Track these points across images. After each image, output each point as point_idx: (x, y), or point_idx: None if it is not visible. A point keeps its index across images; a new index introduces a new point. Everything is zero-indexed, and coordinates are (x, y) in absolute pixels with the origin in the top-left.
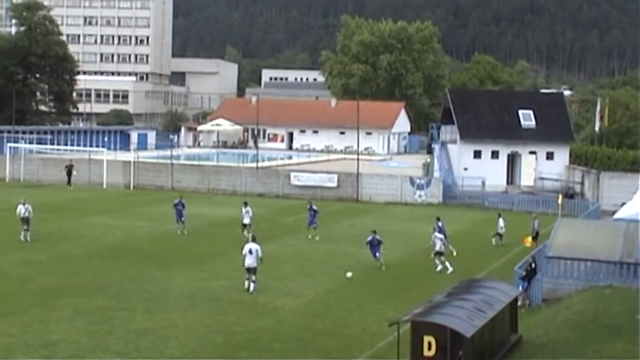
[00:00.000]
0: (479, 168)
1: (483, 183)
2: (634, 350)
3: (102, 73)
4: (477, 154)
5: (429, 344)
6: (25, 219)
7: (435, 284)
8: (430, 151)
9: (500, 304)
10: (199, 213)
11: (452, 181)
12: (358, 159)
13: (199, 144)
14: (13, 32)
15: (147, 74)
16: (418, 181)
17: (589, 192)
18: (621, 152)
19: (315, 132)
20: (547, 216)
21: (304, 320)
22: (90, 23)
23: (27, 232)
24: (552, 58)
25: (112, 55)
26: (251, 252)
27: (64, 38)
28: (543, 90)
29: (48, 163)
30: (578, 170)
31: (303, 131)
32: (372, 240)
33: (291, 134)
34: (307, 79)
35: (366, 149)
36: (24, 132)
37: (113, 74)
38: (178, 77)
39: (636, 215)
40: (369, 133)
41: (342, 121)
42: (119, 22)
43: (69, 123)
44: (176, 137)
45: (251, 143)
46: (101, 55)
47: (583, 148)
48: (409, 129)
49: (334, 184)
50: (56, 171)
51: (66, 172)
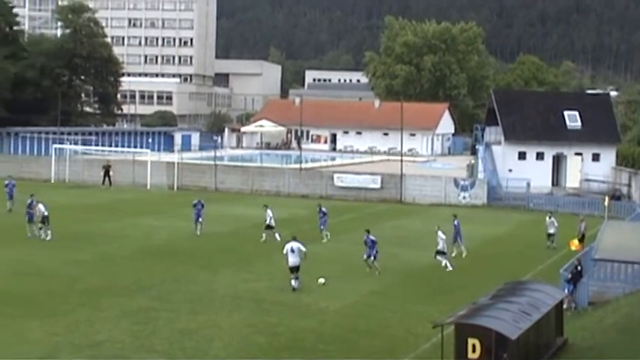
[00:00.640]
0: (523, 169)
1: (528, 184)
2: None
3: (146, 75)
4: (522, 156)
5: (474, 347)
6: (45, 218)
7: (479, 286)
8: (474, 153)
9: (545, 307)
10: (243, 214)
11: (496, 183)
12: (402, 160)
13: (237, 144)
14: (59, 34)
15: (190, 76)
16: (462, 183)
17: (636, 194)
18: None
19: (358, 133)
20: (593, 218)
21: (348, 321)
22: (134, 25)
23: (41, 230)
24: (598, 59)
25: (156, 57)
26: (293, 250)
27: (109, 40)
28: (589, 91)
29: (92, 165)
30: (624, 172)
31: (346, 132)
32: (366, 240)
33: (334, 135)
34: (351, 81)
35: (410, 150)
36: (69, 133)
37: (157, 76)
38: (222, 78)
39: None
40: (413, 135)
41: (386, 123)
42: (163, 24)
43: (113, 124)
44: (220, 138)
45: (294, 144)
46: (145, 57)
47: (630, 150)
48: (453, 130)
49: (378, 186)
50: (101, 172)
51: (103, 173)
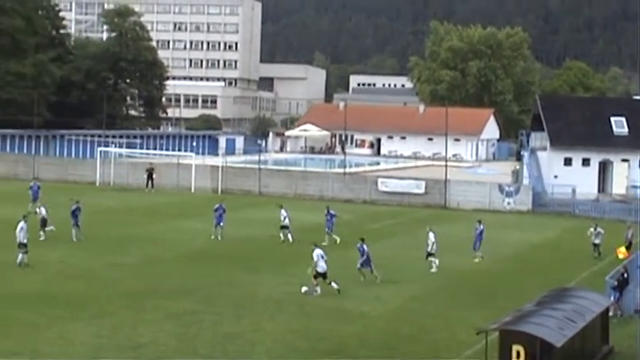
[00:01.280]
0: (569, 175)
1: (574, 191)
2: None
3: (191, 79)
4: (568, 162)
5: (518, 353)
6: (43, 220)
7: (524, 293)
8: (519, 158)
9: (591, 314)
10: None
11: (541, 189)
12: (446, 165)
13: (281, 148)
14: (105, 38)
15: (235, 79)
16: (507, 189)
17: None
18: None
19: (402, 138)
20: None
21: (391, 326)
22: (179, 29)
23: (45, 232)
24: None
25: (201, 61)
26: (323, 257)
27: (154, 44)
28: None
29: (137, 168)
30: None
31: (390, 137)
32: (359, 248)
33: (378, 140)
34: (395, 85)
35: (455, 156)
36: (114, 136)
37: (202, 79)
38: (266, 83)
39: None
40: (458, 140)
41: (430, 128)
42: (208, 28)
43: (158, 128)
44: (264, 142)
45: (338, 149)
46: (190, 61)
47: None
48: (498, 136)
49: (422, 191)
50: (144, 175)
51: (146, 176)
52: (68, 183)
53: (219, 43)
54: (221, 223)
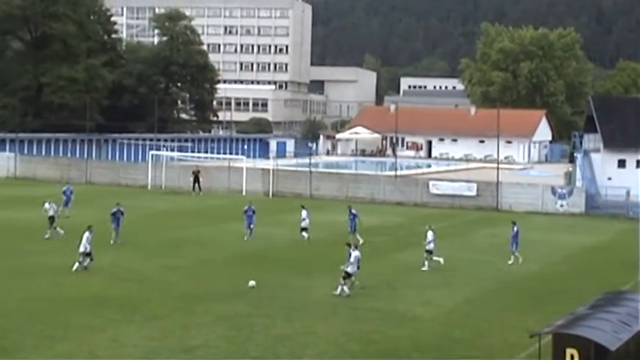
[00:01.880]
0: (623, 177)
1: (628, 193)
2: None
3: (241, 82)
4: (622, 164)
5: (572, 357)
6: (51, 218)
7: (577, 296)
8: (572, 160)
9: None
10: (337, 221)
11: (595, 191)
12: (498, 167)
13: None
14: (156, 42)
15: (286, 82)
16: (560, 191)
17: None
18: None
19: (454, 140)
20: None
21: (443, 329)
22: (230, 32)
23: (52, 230)
24: None
25: (252, 64)
26: (359, 260)
27: (205, 47)
28: None
29: (188, 171)
30: None
31: (442, 140)
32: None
33: (430, 142)
34: (446, 87)
35: (506, 158)
36: (165, 140)
37: (253, 83)
38: (317, 85)
39: None
40: (509, 142)
41: (482, 130)
42: (259, 31)
43: (209, 131)
44: (315, 145)
45: (389, 151)
46: (241, 64)
47: None
48: (550, 137)
49: (473, 193)
50: (190, 178)
51: (193, 179)
52: (120, 186)
53: (269, 46)
54: (251, 225)
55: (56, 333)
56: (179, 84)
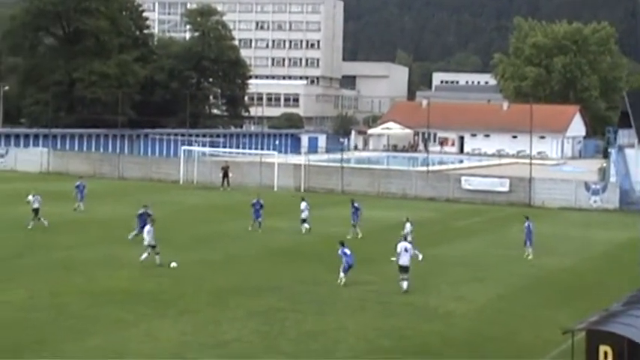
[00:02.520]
0: None
1: None
2: None
3: (273, 77)
4: None
5: (605, 354)
6: (36, 210)
7: (611, 292)
8: (606, 156)
9: None
10: (369, 216)
11: (629, 187)
12: (531, 163)
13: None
14: (187, 38)
15: (317, 78)
16: (593, 187)
17: None
18: None
19: (486, 136)
20: None
21: (475, 325)
22: (262, 28)
23: (35, 221)
24: None
25: (283, 59)
26: (407, 250)
27: (237, 43)
28: None
29: (220, 166)
30: None
31: (474, 135)
32: (340, 253)
33: (462, 138)
34: (479, 83)
35: (539, 153)
36: (197, 135)
37: (284, 78)
38: (349, 81)
39: None
40: (543, 137)
41: (515, 125)
42: (290, 27)
43: (241, 126)
44: (346, 140)
45: (421, 147)
46: (272, 59)
47: None
48: (584, 133)
49: (506, 189)
50: (219, 173)
51: (222, 174)
52: (152, 181)
53: (301, 42)
54: (259, 218)
55: (89, 327)
56: (211, 79)
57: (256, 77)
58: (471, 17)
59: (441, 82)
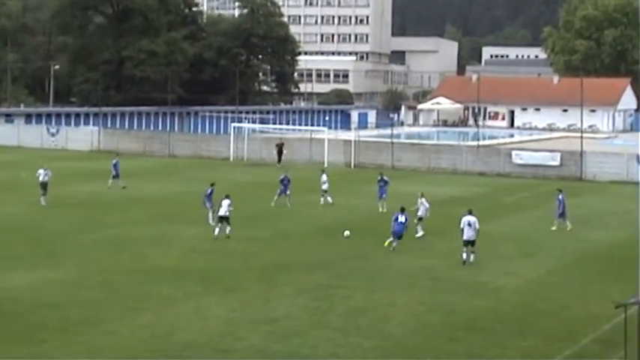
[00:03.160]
0: None
1: None
2: None
3: (322, 53)
4: None
5: None
6: (44, 183)
7: None
8: None
9: None
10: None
11: None
12: (582, 137)
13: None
14: (236, 15)
15: (367, 53)
16: None
17: None
18: None
19: (537, 110)
20: None
21: (525, 301)
22: (310, 4)
23: (44, 197)
24: None
25: (333, 35)
26: (470, 224)
27: (285, 19)
28: None
29: (270, 143)
30: None
31: (524, 109)
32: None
33: (512, 112)
34: (529, 56)
35: (590, 127)
36: (247, 112)
37: (333, 54)
38: (398, 56)
39: None
40: (593, 111)
41: (565, 99)
42: (339, 3)
43: (290, 103)
44: (396, 116)
45: (471, 121)
46: (321, 36)
47: None
48: (636, 106)
49: (557, 163)
50: (274, 150)
51: (276, 151)
52: (202, 159)
53: (350, 18)
54: (287, 192)
55: (139, 304)
56: (260, 56)
57: (305, 54)
58: None
59: (491, 57)
